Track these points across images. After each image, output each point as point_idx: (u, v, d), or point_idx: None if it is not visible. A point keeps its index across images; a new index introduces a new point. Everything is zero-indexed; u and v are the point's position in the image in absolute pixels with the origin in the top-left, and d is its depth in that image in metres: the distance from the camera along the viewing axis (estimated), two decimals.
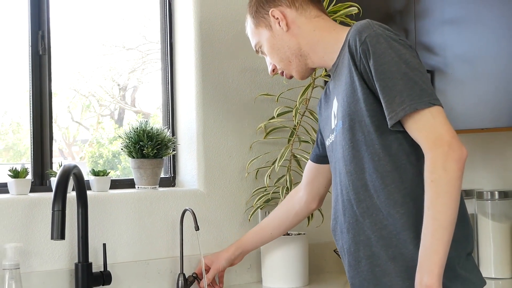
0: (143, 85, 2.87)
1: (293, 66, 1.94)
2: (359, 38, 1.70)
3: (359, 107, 1.72)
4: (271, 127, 2.66)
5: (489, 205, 2.56)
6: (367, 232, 1.74)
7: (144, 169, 2.46)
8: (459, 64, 2.35)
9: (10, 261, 2.07)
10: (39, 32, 2.38)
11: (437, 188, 1.58)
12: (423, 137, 1.63)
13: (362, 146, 1.73)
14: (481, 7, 2.34)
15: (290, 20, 1.90)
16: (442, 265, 1.58)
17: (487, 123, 2.33)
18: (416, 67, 1.67)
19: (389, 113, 1.65)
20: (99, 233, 2.31)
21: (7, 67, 2.47)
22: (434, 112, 1.63)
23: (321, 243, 2.81)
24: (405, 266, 1.68)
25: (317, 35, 1.89)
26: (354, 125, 1.74)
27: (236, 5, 2.68)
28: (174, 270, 2.43)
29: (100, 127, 2.85)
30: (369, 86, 1.71)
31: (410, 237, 1.67)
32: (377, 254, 1.73)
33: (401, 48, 1.69)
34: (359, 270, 1.77)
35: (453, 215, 1.58)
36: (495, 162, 2.69)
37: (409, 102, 1.63)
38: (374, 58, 1.67)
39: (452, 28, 2.41)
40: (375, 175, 1.71)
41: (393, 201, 1.69)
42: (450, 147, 1.59)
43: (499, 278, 2.53)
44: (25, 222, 2.19)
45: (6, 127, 2.55)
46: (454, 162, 1.59)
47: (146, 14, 2.77)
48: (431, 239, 1.58)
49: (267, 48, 1.96)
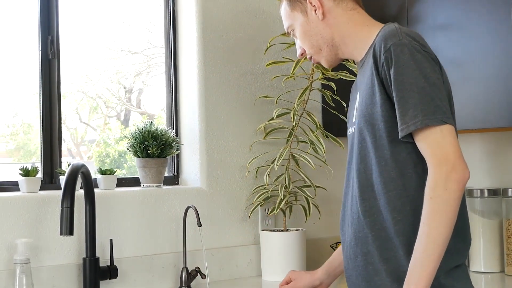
0: (148, 88, 2.87)
1: (323, 54, 1.88)
2: (384, 45, 1.66)
3: (375, 110, 1.69)
4: (270, 127, 2.66)
5: (479, 203, 2.56)
6: (366, 230, 1.73)
7: (149, 168, 2.46)
8: (450, 68, 2.34)
9: (21, 256, 2.07)
10: (48, 37, 2.39)
11: (435, 205, 1.56)
12: (430, 153, 1.60)
13: (371, 148, 1.71)
14: (471, 14, 2.35)
15: (326, 9, 1.83)
16: (430, 280, 1.56)
17: (476, 124, 2.33)
18: (434, 83, 1.63)
19: (401, 124, 1.62)
20: (106, 229, 2.31)
21: (18, 70, 2.47)
22: (444, 131, 1.60)
23: (319, 239, 2.80)
24: (396, 269, 1.67)
25: (350, 29, 1.83)
26: (368, 127, 1.71)
27: (238, 11, 2.68)
28: (177, 265, 2.43)
29: (107, 128, 2.85)
30: (388, 93, 1.67)
31: (402, 243, 1.65)
32: (372, 252, 1.71)
33: (424, 60, 1.65)
34: (356, 264, 1.77)
35: (447, 234, 1.56)
36: (484, 161, 2.69)
37: (422, 117, 1.59)
38: (395, 68, 1.63)
39: (443, 33, 2.41)
40: (379, 179, 1.69)
41: (391, 207, 1.67)
42: (453, 167, 1.57)
43: (488, 272, 2.53)
44: (35, 218, 2.19)
45: (17, 128, 2.55)
46: (455, 182, 1.57)
47: (151, 20, 2.77)
48: (422, 254, 1.56)
49: (299, 33, 1.89)
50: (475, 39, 2.33)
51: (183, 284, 2.35)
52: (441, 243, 1.56)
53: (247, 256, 2.60)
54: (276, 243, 2.50)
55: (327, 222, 2.78)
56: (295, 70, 2.55)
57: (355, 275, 1.78)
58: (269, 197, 2.58)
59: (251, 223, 2.66)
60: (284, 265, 2.49)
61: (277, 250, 2.50)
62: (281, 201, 2.52)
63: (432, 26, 2.44)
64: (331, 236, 2.82)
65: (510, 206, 2.50)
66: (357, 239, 1.75)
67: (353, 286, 1.79)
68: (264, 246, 2.54)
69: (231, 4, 2.67)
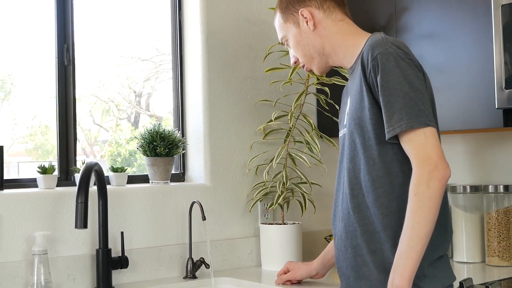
0: (156, 92, 2.87)
1: (315, 62, 1.88)
2: (371, 54, 1.66)
3: (364, 114, 1.70)
4: (269, 129, 2.66)
5: (462, 198, 2.56)
6: (355, 224, 1.73)
7: (157, 166, 2.46)
8: (435, 74, 2.34)
9: (39, 247, 2.08)
10: (64, 46, 2.39)
11: (419, 202, 1.57)
12: (414, 154, 1.61)
13: (360, 149, 1.71)
14: (454, 24, 2.34)
15: (317, 21, 1.83)
16: (414, 270, 1.57)
17: (459, 126, 2.33)
18: (418, 88, 1.64)
19: (388, 127, 1.63)
20: (118, 223, 2.32)
21: (36, 76, 2.48)
22: (427, 133, 1.61)
23: (313, 231, 2.81)
24: (382, 260, 1.67)
25: (339, 38, 1.83)
26: (357, 129, 1.71)
27: (239, 21, 2.68)
28: (183, 255, 2.43)
29: (118, 129, 2.85)
30: (375, 98, 1.67)
31: (389, 236, 1.66)
32: (361, 245, 1.72)
33: (408, 68, 1.65)
34: (346, 256, 1.77)
35: (430, 227, 1.57)
36: (466, 160, 2.69)
37: (407, 120, 1.60)
38: (381, 75, 1.63)
39: (428, 42, 2.41)
40: (367, 177, 1.69)
41: (379, 203, 1.67)
42: (436, 167, 1.58)
43: (470, 262, 2.53)
44: (52, 213, 2.20)
45: (35, 129, 2.55)
46: (437, 180, 1.57)
47: (159, 29, 2.77)
48: (406, 246, 1.57)
49: (292, 42, 1.89)
50: (458, 47, 2.33)
51: (189, 273, 2.36)
52: (424, 236, 1.57)
53: (248, 248, 2.60)
54: (275, 235, 2.50)
55: (321, 216, 2.78)
56: (292, 75, 2.55)
57: (345, 266, 1.78)
58: (268, 193, 2.58)
59: (251, 217, 2.66)
60: (282, 255, 2.49)
61: (276, 242, 2.50)
62: (279, 197, 2.52)
63: (418, 35, 2.44)
64: (325, 229, 2.82)
65: (491, 201, 2.50)
66: (347, 233, 1.76)
67: (344, 276, 1.79)
68: (264, 238, 2.54)
69: (232, 15, 2.67)
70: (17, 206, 2.13)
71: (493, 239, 2.47)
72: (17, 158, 2.53)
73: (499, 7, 2.14)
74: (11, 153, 2.49)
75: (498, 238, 2.46)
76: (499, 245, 2.46)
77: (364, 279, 1.71)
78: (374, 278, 1.69)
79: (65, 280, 2.18)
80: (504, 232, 2.46)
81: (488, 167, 2.64)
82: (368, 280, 1.70)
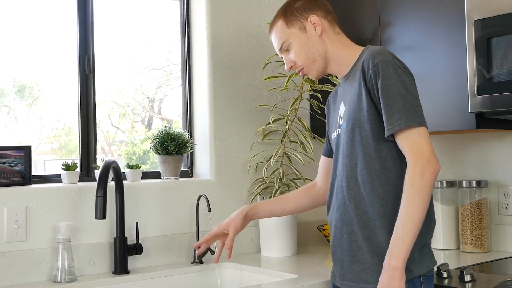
0: (167, 98, 2.87)
1: (315, 65, 1.84)
2: (372, 61, 1.67)
3: (362, 115, 1.70)
4: (267, 130, 2.66)
5: (439, 192, 2.57)
6: (351, 214, 1.73)
7: (168, 164, 2.47)
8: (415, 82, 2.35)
9: (63, 235, 2.08)
10: (85, 56, 2.39)
11: (413, 192, 1.58)
12: (409, 150, 1.62)
13: (358, 146, 1.71)
14: (432, 37, 2.35)
15: (323, 28, 1.83)
16: (408, 252, 1.57)
17: (437, 128, 2.33)
18: (413, 93, 1.66)
19: (388, 125, 1.63)
20: (133, 214, 2.32)
21: (60, 83, 2.48)
22: (421, 132, 1.62)
23: (307, 222, 2.81)
24: (376, 245, 1.67)
25: (338, 47, 1.83)
26: (355, 128, 1.71)
27: (241, 35, 2.68)
28: (191, 243, 2.43)
29: (133, 131, 2.85)
30: (373, 100, 1.68)
31: (383, 224, 1.66)
32: (356, 232, 1.72)
33: (404, 75, 1.67)
34: (341, 242, 1.76)
35: (422, 214, 1.58)
36: (443, 158, 2.69)
37: (405, 119, 1.61)
38: (382, 79, 1.64)
39: (409, 53, 2.42)
40: (365, 171, 1.69)
41: (375, 194, 1.67)
42: (428, 161, 1.59)
43: (446, 249, 2.54)
44: (75, 205, 2.20)
45: (59, 131, 2.56)
46: (429, 173, 1.58)
47: (170, 42, 2.77)
48: (402, 230, 1.57)
49: (296, 46, 1.84)
50: (436, 58, 2.33)
51: (196, 259, 2.36)
52: (418, 221, 1.58)
53: (249, 236, 2.60)
54: (272, 225, 2.50)
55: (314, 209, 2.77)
56: (288, 83, 2.55)
57: (339, 251, 1.78)
58: (267, 188, 2.59)
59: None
60: (279, 243, 2.50)
61: (273, 231, 2.51)
62: (277, 191, 2.52)
63: (400, 47, 2.44)
64: (317, 219, 2.83)
65: (465, 195, 2.51)
66: (343, 221, 1.75)
67: (338, 260, 1.79)
68: (263, 227, 2.55)
69: (235, 29, 2.67)
70: (44, 199, 2.14)
71: (466, 228, 2.48)
72: (44, 157, 2.54)
73: (472, 22, 2.14)
74: (38, 152, 2.49)
75: (471, 227, 2.47)
76: (472, 233, 2.47)
77: (358, 263, 1.71)
78: (368, 262, 1.69)
79: (86, 265, 2.19)
80: (476, 222, 2.47)
81: (462, 165, 2.64)
82: (362, 263, 1.71)
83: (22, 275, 2.06)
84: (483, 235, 2.46)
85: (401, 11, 2.45)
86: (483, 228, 2.46)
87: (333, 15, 1.86)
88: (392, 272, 1.56)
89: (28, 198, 2.11)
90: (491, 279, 1.92)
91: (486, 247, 2.46)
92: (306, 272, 2.14)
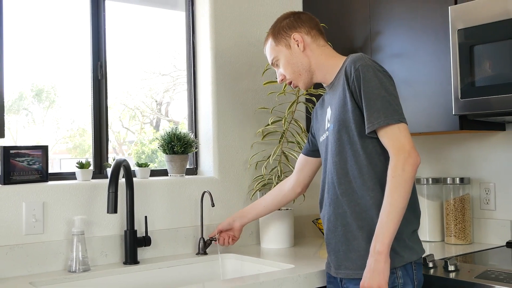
0: (174, 101, 2.87)
1: (302, 78, 1.88)
2: (354, 66, 1.70)
3: (347, 116, 1.72)
4: (266, 131, 2.66)
5: (425, 188, 2.57)
6: (344, 207, 1.74)
7: (174, 162, 2.47)
8: (403, 86, 2.36)
9: (77, 228, 2.09)
10: (98, 63, 2.40)
11: (396, 183, 1.59)
12: (390, 144, 1.64)
13: (346, 144, 1.73)
14: (419, 45, 2.36)
15: (306, 44, 1.86)
16: (392, 238, 1.59)
17: (424, 129, 2.34)
18: (392, 93, 1.68)
19: (368, 123, 1.66)
20: (142, 208, 2.33)
21: (75, 88, 2.48)
22: (400, 127, 1.64)
23: (303, 216, 2.82)
24: (370, 233, 1.68)
25: (322, 59, 1.86)
26: (342, 129, 1.73)
27: (242, 43, 2.69)
28: (196, 236, 2.44)
29: (142, 132, 2.86)
30: (356, 102, 1.70)
31: (375, 213, 1.68)
32: (350, 223, 1.73)
33: (383, 77, 1.69)
34: (336, 234, 1.78)
35: (405, 203, 1.60)
36: (429, 156, 2.70)
37: (384, 118, 1.63)
38: (363, 82, 1.67)
39: (398, 60, 2.42)
40: (355, 166, 1.71)
41: (366, 187, 1.69)
42: (409, 154, 1.61)
43: (432, 241, 2.55)
44: (88, 200, 2.21)
45: (74, 132, 2.56)
46: (410, 166, 1.60)
47: (176, 49, 2.78)
48: (386, 218, 1.59)
49: (283, 62, 1.89)
50: (422, 64, 2.34)
51: (200, 250, 2.37)
52: (400, 210, 1.60)
53: (249, 229, 2.61)
54: (271, 219, 2.51)
55: (309, 203, 2.79)
56: (285, 87, 2.56)
57: (334, 242, 1.79)
58: (266, 184, 2.59)
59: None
60: (277, 235, 2.50)
61: (272, 224, 2.51)
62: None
63: (389, 55, 2.45)
64: (312, 213, 2.83)
65: (449, 191, 2.51)
66: (337, 215, 1.77)
67: (333, 250, 1.80)
68: (262, 221, 2.55)
69: (236, 38, 2.68)
70: (60, 195, 2.15)
71: (450, 222, 2.49)
72: (59, 156, 2.54)
73: (455, 31, 2.15)
74: (54, 151, 2.50)
75: (455, 221, 2.48)
76: (456, 227, 2.47)
77: (354, 251, 1.73)
78: (363, 249, 1.70)
79: (98, 255, 2.19)
80: (459, 217, 2.48)
81: (447, 163, 2.65)
82: (357, 251, 1.72)
83: (40, 265, 2.07)
84: (466, 228, 2.47)
85: (390, 21, 2.46)
86: (466, 221, 2.47)
87: (317, 29, 1.88)
88: (378, 256, 1.58)
89: (45, 194, 2.12)
90: (473, 269, 1.93)
91: (469, 239, 2.47)
92: (302, 262, 2.14)
